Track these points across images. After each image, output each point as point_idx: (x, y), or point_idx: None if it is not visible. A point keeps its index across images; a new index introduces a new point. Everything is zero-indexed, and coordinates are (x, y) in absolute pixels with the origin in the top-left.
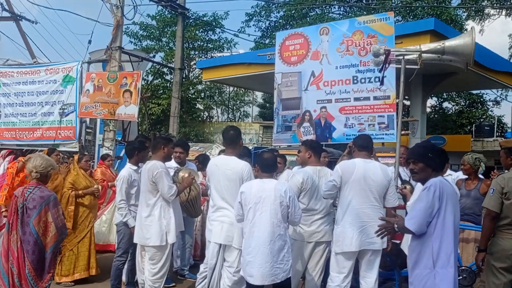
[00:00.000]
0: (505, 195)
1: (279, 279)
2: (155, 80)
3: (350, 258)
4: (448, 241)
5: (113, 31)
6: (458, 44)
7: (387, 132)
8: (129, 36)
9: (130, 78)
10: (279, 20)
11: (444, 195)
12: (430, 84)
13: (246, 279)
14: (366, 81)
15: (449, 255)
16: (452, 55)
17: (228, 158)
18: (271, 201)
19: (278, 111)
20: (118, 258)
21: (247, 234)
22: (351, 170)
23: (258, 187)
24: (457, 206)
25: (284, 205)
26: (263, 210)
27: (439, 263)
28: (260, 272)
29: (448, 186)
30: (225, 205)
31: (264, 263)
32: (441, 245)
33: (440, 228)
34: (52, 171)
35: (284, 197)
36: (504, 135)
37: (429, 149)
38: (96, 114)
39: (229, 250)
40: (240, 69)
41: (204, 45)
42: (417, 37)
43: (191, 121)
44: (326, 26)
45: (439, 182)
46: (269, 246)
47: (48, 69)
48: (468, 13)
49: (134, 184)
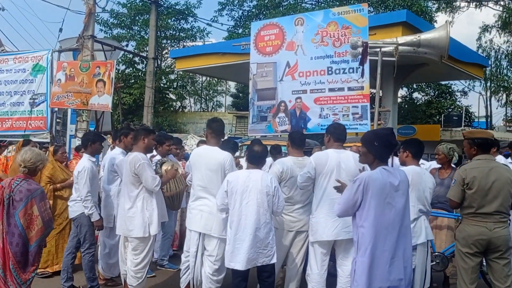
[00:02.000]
0: (467, 185)
1: (260, 263)
2: (126, 69)
3: (326, 247)
4: (369, 234)
5: (85, 19)
6: (433, 37)
7: (361, 122)
8: (99, 24)
9: (104, 68)
10: (252, 10)
11: (369, 190)
12: (401, 75)
13: (229, 265)
14: (341, 72)
15: (366, 246)
16: (427, 48)
17: (211, 148)
18: (257, 190)
19: (254, 102)
20: (87, 251)
21: (234, 223)
22: (324, 161)
23: (244, 177)
24: (392, 200)
25: (270, 195)
26: (249, 199)
27: (359, 252)
28: (246, 258)
29: (377, 181)
30: (205, 195)
31: (249, 249)
32: (362, 236)
33: (364, 220)
34: (41, 164)
35: (270, 186)
36: (471, 124)
37: (377, 138)
38: (68, 104)
39: (208, 238)
40: (214, 59)
41: (176, 34)
42: (389, 29)
43: (164, 111)
44: (301, 16)
45: (367, 177)
46: (255, 233)
47: (16, 57)
48: (439, 5)
49: (96, 175)
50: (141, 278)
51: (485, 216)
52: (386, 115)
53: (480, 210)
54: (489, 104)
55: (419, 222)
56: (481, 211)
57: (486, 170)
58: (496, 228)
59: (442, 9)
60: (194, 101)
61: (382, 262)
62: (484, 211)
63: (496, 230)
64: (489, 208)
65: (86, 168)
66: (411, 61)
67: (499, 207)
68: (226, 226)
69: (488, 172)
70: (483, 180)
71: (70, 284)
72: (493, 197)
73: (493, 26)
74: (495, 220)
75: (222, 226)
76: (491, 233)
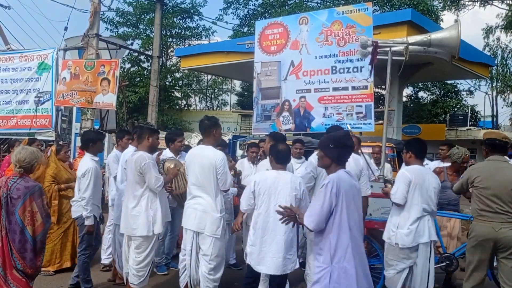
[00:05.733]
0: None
1: (289, 270)
2: (132, 68)
3: None
4: (345, 237)
5: (90, 18)
6: (444, 37)
7: (365, 122)
8: (105, 23)
9: (108, 66)
10: (257, 8)
11: (340, 192)
12: (406, 74)
13: (256, 268)
14: (345, 71)
15: (345, 249)
16: (438, 47)
17: (204, 147)
18: (287, 192)
19: (258, 100)
20: (83, 252)
21: (259, 224)
22: None
23: (273, 178)
24: (357, 199)
25: (298, 198)
26: (278, 201)
27: (335, 258)
28: (274, 262)
29: (346, 182)
30: (199, 193)
31: (277, 253)
32: (338, 241)
33: (338, 224)
34: (36, 163)
35: (299, 190)
36: (477, 124)
37: (332, 140)
38: (73, 103)
39: (202, 237)
40: (219, 57)
41: (181, 32)
42: (394, 28)
43: (169, 110)
44: (305, 15)
45: (336, 178)
46: (283, 237)
47: (22, 56)
48: (444, 3)
49: (99, 176)
50: (142, 277)
51: (491, 216)
52: (390, 114)
53: (485, 209)
54: (495, 103)
55: (422, 221)
56: (487, 210)
57: (493, 170)
58: (502, 228)
59: (447, 8)
60: (199, 100)
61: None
62: (489, 210)
63: (502, 230)
64: (494, 208)
65: (90, 169)
66: (417, 60)
67: (504, 206)
68: (219, 225)
69: (494, 172)
70: (488, 179)
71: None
72: (498, 197)
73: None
74: (502, 220)
75: (215, 225)
76: (496, 233)
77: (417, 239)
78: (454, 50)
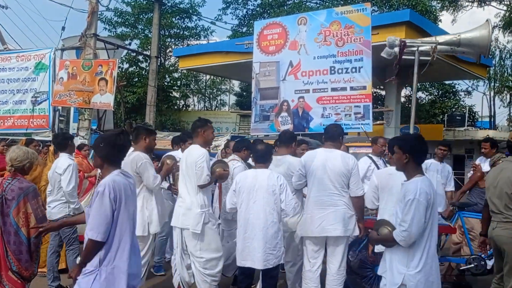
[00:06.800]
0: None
1: (271, 265)
2: (130, 68)
3: (316, 244)
4: (126, 238)
5: (88, 18)
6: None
7: (363, 122)
8: (103, 23)
9: (106, 66)
10: (256, 8)
11: (119, 196)
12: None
13: (241, 264)
14: (343, 72)
15: (122, 249)
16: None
17: (192, 147)
18: (264, 189)
19: (256, 101)
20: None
21: (241, 221)
22: (311, 159)
23: (252, 177)
24: (131, 203)
25: (276, 193)
26: (256, 199)
27: (104, 262)
28: (255, 257)
29: (121, 184)
30: (184, 191)
31: (258, 248)
32: (120, 243)
33: (117, 228)
34: (28, 164)
35: (276, 185)
36: (474, 124)
37: (102, 139)
38: (70, 103)
39: (187, 234)
40: (217, 57)
41: (180, 32)
42: (392, 28)
43: (167, 110)
44: (304, 16)
45: (111, 182)
46: (262, 232)
47: (19, 55)
48: (442, 4)
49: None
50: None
51: (493, 215)
52: (389, 114)
53: (490, 208)
54: (493, 104)
55: None
56: (491, 209)
57: (498, 171)
58: (496, 227)
59: (446, 8)
60: (197, 100)
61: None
62: (492, 209)
63: (495, 230)
64: (493, 207)
65: (72, 165)
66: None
67: (500, 206)
68: (200, 220)
69: (499, 172)
70: (493, 179)
71: (58, 284)
72: (497, 197)
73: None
74: (498, 220)
75: (196, 220)
76: (493, 232)
77: None
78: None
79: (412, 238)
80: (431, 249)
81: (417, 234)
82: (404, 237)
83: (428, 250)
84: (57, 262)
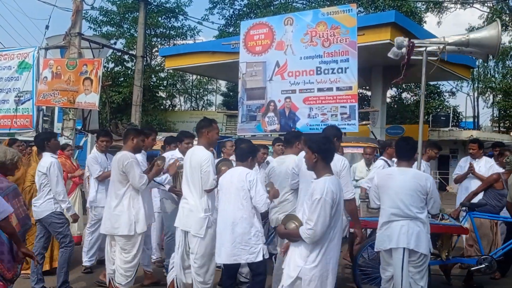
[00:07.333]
0: None
1: (243, 260)
2: (115, 67)
3: None
4: None
5: (72, 17)
6: (483, 37)
7: (349, 122)
8: (88, 22)
9: (91, 66)
10: (243, 9)
11: None
12: (390, 75)
13: (217, 261)
14: (330, 72)
15: None
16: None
17: (196, 147)
18: (234, 186)
19: (243, 101)
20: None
21: (219, 218)
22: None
23: (230, 175)
24: None
25: (245, 189)
26: (228, 196)
27: None
28: (223, 252)
29: None
30: (187, 192)
31: (225, 243)
32: None
33: None
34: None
35: (245, 181)
36: (458, 124)
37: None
38: (54, 102)
39: (190, 236)
40: (204, 57)
41: (166, 32)
42: (378, 29)
43: (153, 110)
44: (291, 16)
45: None
46: (230, 228)
47: (2, 54)
48: (427, 5)
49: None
50: (130, 277)
51: None
52: (374, 115)
53: None
54: (477, 104)
55: (392, 226)
56: None
57: None
58: None
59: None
60: (184, 100)
61: None
62: None
63: None
64: None
65: (54, 162)
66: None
67: None
68: (203, 225)
69: None
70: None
71: (42, 286)
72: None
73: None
74: None
75: (199, 224)
76: None
77: (384, 244)
78: (493, 50)
79: (317, 236)
80: (331, 244)
81: (322, 232)
82: (309, 235)
83: (327, 246)
84: (41, 264)
